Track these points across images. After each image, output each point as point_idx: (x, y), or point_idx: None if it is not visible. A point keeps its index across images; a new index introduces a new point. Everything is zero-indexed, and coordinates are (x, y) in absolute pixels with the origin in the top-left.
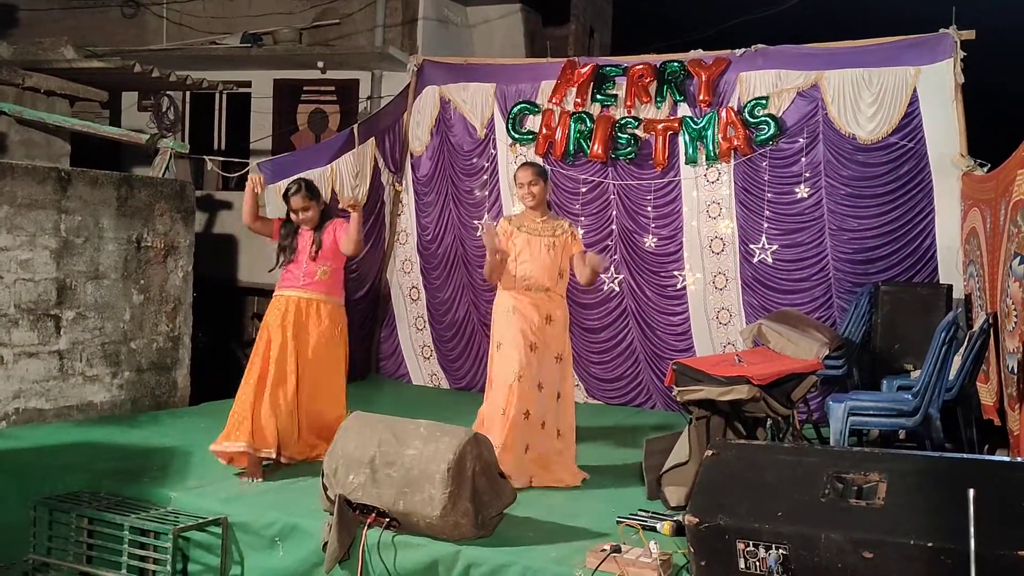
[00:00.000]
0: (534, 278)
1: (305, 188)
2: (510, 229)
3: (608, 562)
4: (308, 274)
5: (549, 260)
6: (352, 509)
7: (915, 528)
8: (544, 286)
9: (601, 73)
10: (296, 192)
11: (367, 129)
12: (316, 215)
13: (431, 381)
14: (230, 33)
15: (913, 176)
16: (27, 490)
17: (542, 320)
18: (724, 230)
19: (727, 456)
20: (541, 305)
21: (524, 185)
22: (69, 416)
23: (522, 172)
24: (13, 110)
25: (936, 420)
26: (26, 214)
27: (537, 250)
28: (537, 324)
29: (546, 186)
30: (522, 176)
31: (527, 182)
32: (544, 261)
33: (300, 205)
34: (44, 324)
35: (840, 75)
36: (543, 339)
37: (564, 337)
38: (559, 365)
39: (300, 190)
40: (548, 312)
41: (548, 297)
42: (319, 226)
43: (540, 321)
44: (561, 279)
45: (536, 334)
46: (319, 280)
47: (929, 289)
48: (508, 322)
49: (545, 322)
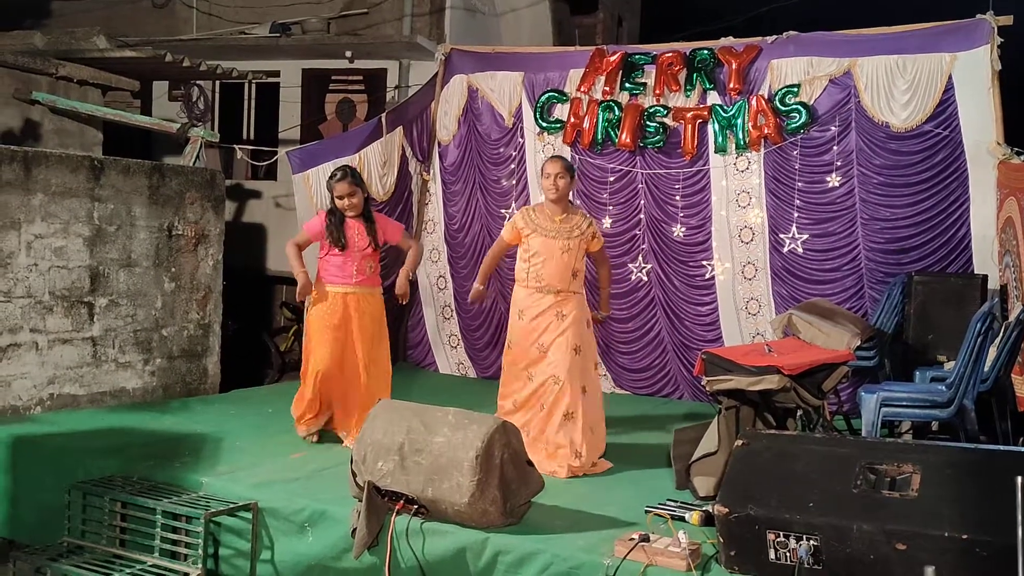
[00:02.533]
0: (547, 280)
1: (351, 174)
2: (527, 229)
3: (636, 551)
4: (360, 270)
5: (563, 263)
6: (381, 496)
7: (949, 520)
8: (556, 288)
9: (630, 61)
10: (342, 178)
11: (395, 118)
12: (360, 201)
13: (458, 370)
14: (259, 23)
15: (948, 165)
16: (62, 474)
17: (553, 318)
18: (754, 219)
19: (757, 446)
20: (553, 305)
21: (551, 176)
22: (102, 402)
23: (550, 164)
24: (47, 99)
25: (970, 412)
26: (60, 202)
27: (552, 252)
28: (545, 325)
29: (571, 182)
30: (550, 167)
31: (554, 174)
32: (559, 264)
33: (347, 191)
34: (78, 311)
35: (873, 62)
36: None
37: (579, 330)
38: (579, 358)
39: (346, 176)
40: (559, 310)
41: (561, 297)
42: (365, 215)
43: (552, 320)
44: (575, 278)
45: (545, 334)
46: (370, 276)
47: (963, 279)
48: (516, 326)
49: (558, 320)
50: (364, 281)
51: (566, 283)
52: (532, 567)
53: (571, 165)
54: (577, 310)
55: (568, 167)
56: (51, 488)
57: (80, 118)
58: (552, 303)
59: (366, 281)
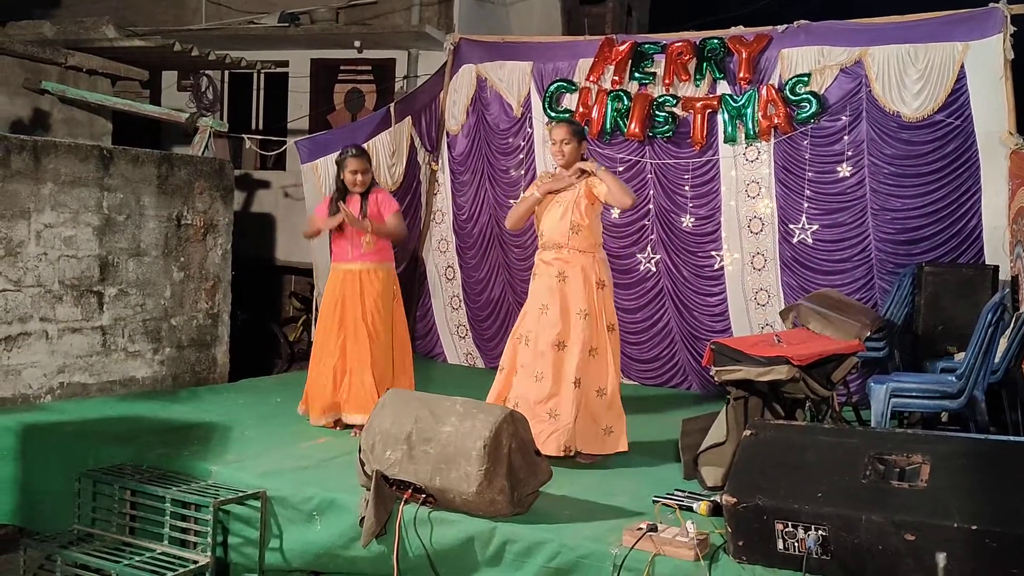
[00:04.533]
0: (548, 236)
1: (363, 153)
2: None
3: (644, 541)
4: (355, 246)
5: (558, 216)
6: (389, 485)
7: (959, 511)
8: (556, 242)
9: (639, 51)
10: (356, 155)
11: (403, 108)
12: (369, 180)
13: (466, 360)
14: (268, 12)
15: (959, 155)
16: (71, 462)
17: (555, 278)
18: (763, 210)
19: (766, 436)
20: (556, 263)
21: (556, 143)
22: (112, 391)
23: (556, 129)
24: (56, 89)
25: (981, 402)
26: (69, 191)
27: (551, 208)
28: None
29: (580, 146)
30: (556, 133)
31: (560, 140)
32: (554, 217)
33: (360, 167)
34: (87, 300)
35: (885, 51)
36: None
37: (585, 293)
38: (586, 321)
39: (361, 154)
40: (561, 269)
41: (560, 253)
42: (365, 194)
43: (553, 280)
44: (576, 233)
45: (550, 294)
46: (366, 251)
47: (974, 270)
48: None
49: (559, 280)
50: (365, 256)
51: (565, 237)
52: (540, 556)
53: (579, 128)
54: (583, 273)
55: (575, 130)
56: (61, 476)
57: (89, 108)
58: (556, 258)
59: (367, 256)
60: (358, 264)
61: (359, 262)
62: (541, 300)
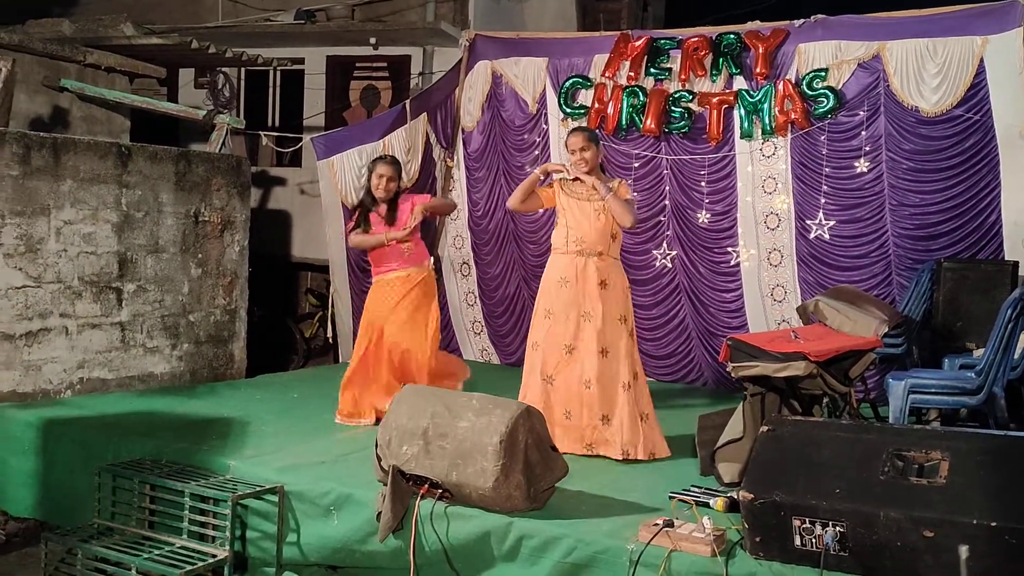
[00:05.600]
0: (587, 242)
1: (396, 162)
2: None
3: (661, 536)
4: (397, 256)
5: (601, 224)
6: (406, 480)
7: (978, 507)
8: (597, 250)
9: (655, 46)
10: (388, 161)
11: (419, 105)
12: (395, 188)
13: (482, 356)
14: (284, 10)
15: (978, 149)
16: (91, 457)
17: (596, 285)
18: (780, 206)
19: (783, 432)
20: (597, 270)
21: (576, 152)
22: (131, 386)
23: (573, 138)
24: (75, 87)
25: (1000, 399)
26: (88, 188)
27: (587, 214)
28: (591, 291)
29: (598, 150)
30: (573, 142)
31: (579, 148)
32: (596, 225)
33: (388, 172)
34: (106, 296)
35: (903, 45)
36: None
37: (625, 301)
38: (625, 327)
39: (393, 162)
40: (603, 277)
41: (602, 261)
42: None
43: (595, 287)
44: (614, 241)
45: (591, 301)
46: (410, 255)
47: (994, 266)
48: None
49: (600, 286)
50: (407, 261)
51: (606, 245)
52: (556, 551)
53: (593, 133)
54: (621, 280)
55: (590, 136)
56: (81, 471)
57: (108, 105)
58: (594, 265)
59: (408, 261)
60: (404, 271)
61: (404, 269)
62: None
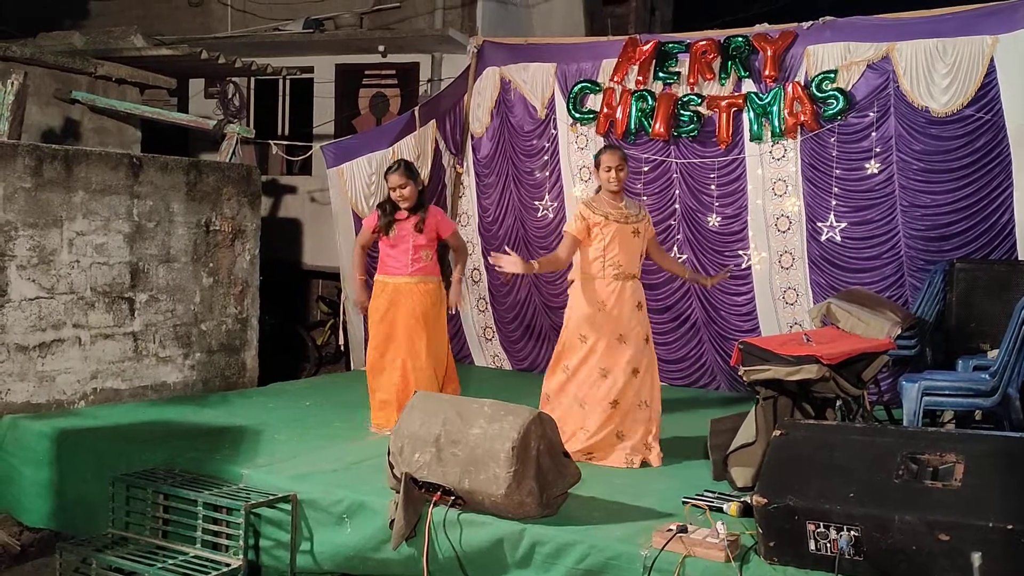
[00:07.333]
0: (625, 267)
1: (404, 167)
2: (596, 218)
3: (674, 542)
4: (416, 260)
5: (635, 248)
6: (418, 487)
7: (994, 510)
8: (633, 274)
9: (663, 50)
10: (396, 170)
11: (428, 111)
12: (413, 193)
13: (493, 362)
14: (292, 19)
15: (990, 149)
16: (105, 467)
17: (633, 308)
18: (790, 208)
19: (796, 436)
20: (632, 293)
21: (612, 169)
22: (144, 396)
23: (609, 156)
24: (86, 98)
25: (1015, 400)
26: (100, 199)
27: (626, 237)
28: (628, 314)
29: (627, 171)
30: (609, 159)
31: (615, 166)
32: (632, 249)
33: (398, 182)
34: (119, 306)
35: (912, 46)
36: (634, 326)
37: (647, 321)
38: (648, 347)
39: (399, 168)
40: (639, 299)
41: (636, 284)
42: (418, 207)
43: (632, 310)
44: (641, 260)
45: (627, 324)
46: (425, 264)
47: (1007, 266)
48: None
49: (636, 308)
50: (419, 271)
51: (639, 268)
52: (569, 558)
53: (626, 154)
54: (643, 298)
55: (624, 156)
56: (95, 481)
57: (119, 116)
58: (631, 288)
59: (420, 271)
60: (412, 278)
61: (414, 276)
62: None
